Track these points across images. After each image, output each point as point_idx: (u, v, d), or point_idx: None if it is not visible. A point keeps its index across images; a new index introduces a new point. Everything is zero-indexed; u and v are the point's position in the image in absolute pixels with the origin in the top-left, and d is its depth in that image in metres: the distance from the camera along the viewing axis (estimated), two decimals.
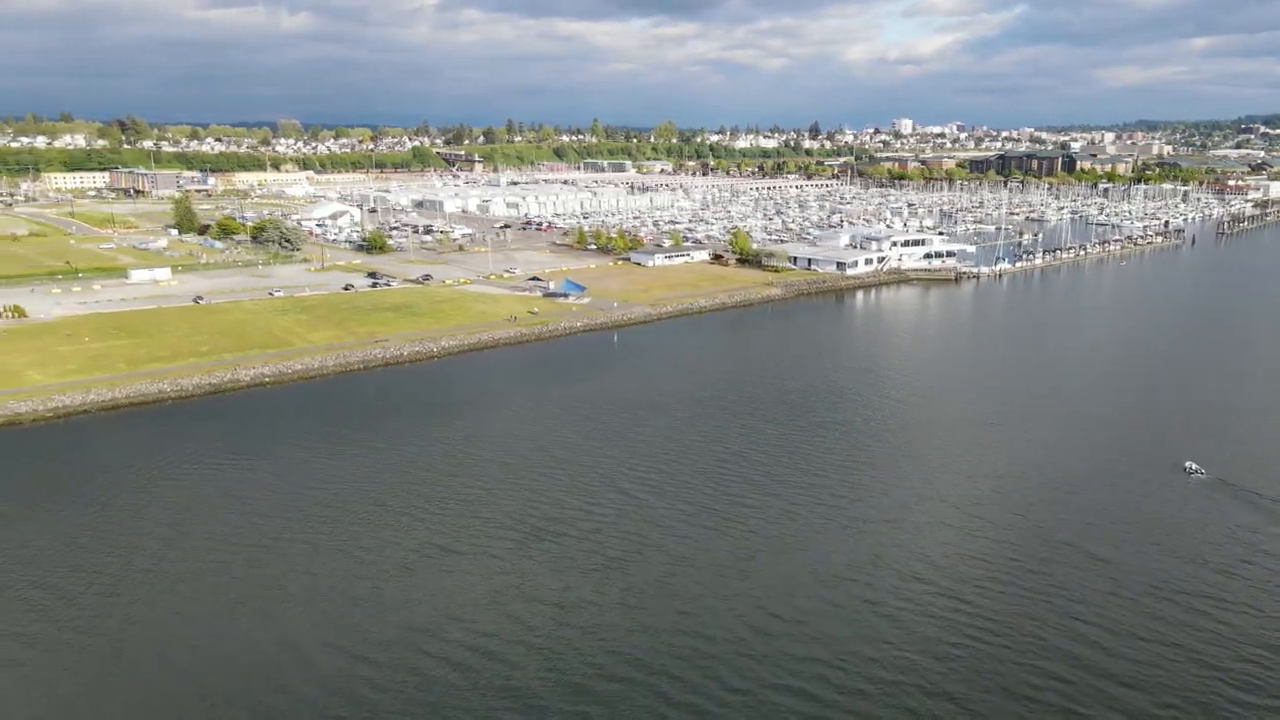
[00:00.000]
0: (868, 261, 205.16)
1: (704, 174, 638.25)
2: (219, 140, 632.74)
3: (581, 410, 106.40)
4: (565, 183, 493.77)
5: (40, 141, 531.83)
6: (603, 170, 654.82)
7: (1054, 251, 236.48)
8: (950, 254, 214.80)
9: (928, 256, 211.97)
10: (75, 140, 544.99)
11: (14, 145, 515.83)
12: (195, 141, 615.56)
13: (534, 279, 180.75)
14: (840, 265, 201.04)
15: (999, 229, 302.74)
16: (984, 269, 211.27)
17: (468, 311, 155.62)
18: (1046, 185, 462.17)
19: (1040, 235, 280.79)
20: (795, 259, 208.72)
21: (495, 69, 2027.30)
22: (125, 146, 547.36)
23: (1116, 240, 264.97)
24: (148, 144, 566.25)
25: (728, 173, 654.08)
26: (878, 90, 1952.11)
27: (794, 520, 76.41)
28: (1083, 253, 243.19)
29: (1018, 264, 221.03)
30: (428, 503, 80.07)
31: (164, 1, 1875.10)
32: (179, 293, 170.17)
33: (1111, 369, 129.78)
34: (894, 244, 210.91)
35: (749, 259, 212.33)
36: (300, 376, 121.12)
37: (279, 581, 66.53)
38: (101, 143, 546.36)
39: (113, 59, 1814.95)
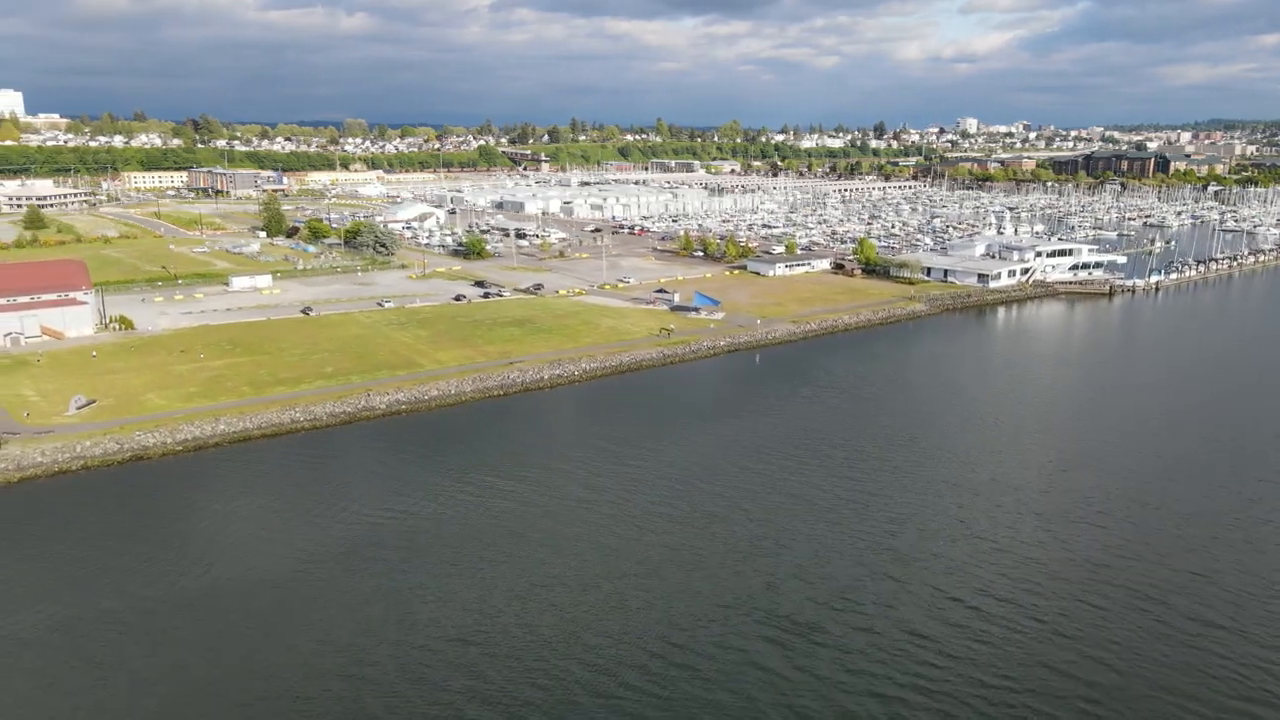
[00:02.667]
0: (1010, 273, 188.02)
1: (773, 174, 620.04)
2: (288, 139, 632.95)
3: (768, 449, 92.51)
4: (637, 183, 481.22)
5: (118, 140, 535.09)
6: (670, 170, 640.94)
7: (1207, 262, 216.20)
8: (1099, 265, 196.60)
9: (1074, 268, 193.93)
10: (151, 139, 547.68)
11: (93, 144, 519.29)
12: (266, 141, 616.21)
13: (659, 291, 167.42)
14: (982, 277, 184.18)
15: (1121, 235, 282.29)
16: (1137, 281, 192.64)
17: (597, 328, 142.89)
18: (1154, 189, 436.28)
19: (1174, 243, 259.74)
20: (929, 269, 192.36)
21: (546, 68, 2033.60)
22: (199, 146, 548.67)
23: (1271, 249, 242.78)
24: (220, 143, 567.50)
25: (799, 173, 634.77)
26: (932, 88, 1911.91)
27: (1111, 631, 61.76)
28: (1235, 263, 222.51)
29: (1171, 276, 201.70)
30: (638, 579, 66.86)
31: (226, 3, 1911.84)
32: (284, 302, 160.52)
33: None
34: (1038, 254, 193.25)
35: (875, 269, 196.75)
36: (438, 404, 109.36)
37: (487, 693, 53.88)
38: (176, 142, 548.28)
39: (179, 60, 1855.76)
